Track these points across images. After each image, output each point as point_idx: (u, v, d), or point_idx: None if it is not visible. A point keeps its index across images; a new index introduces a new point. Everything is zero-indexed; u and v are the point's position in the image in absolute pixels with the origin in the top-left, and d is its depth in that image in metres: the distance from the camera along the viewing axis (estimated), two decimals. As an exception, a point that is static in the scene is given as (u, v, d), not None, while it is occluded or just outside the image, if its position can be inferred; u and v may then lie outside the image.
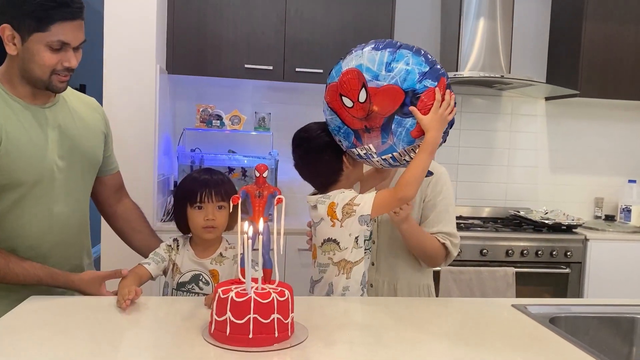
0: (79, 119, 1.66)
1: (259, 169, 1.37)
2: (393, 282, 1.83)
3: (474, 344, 1.30)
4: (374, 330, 1.38)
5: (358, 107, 1.42)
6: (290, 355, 1.19)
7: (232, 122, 3.18)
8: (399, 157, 1.51)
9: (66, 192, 1.59)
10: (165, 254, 1.64)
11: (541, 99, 3.69)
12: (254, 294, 1.21)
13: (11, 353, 1.13)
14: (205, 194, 1.60)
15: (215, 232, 1.62)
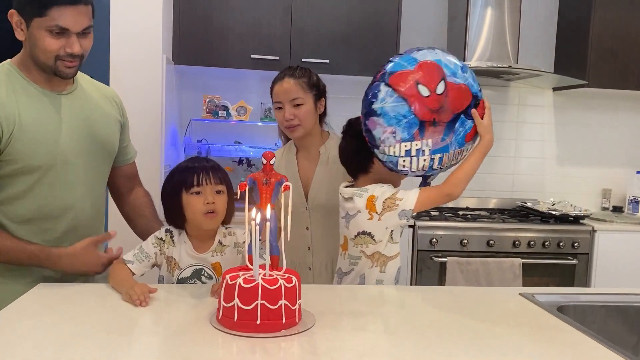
0: (96, 107, 1.67)
1: (265, 156, 1.37)
2: (328, 262, 1.94)
3: (481, 331, 1.29)
4: (380, 317, 1.38)
5: (434, 97, 1.48)
6: (298, 341, 1.19)
7: (238, 113, 3.18)
8: (446, 160, 1.58)
9: (81, 179, 1.60)
10: (154, 248, 1.57)
11: (548, 90, 3.67)
12: (261, 280, 1.22)
13: (21, 338, 1.14)
14: (203, 176, 1.53)
15: (217, 219, 1.55)
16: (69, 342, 1.13)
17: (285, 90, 1.89)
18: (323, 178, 1.95)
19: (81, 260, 1.55)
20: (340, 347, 1.16)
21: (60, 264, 1.54)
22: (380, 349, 1.18)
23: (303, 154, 2.00)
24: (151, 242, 1.58)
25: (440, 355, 1.14)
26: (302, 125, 1.90)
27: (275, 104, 1.93)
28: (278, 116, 1.93)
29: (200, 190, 1.53)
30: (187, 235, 1.59)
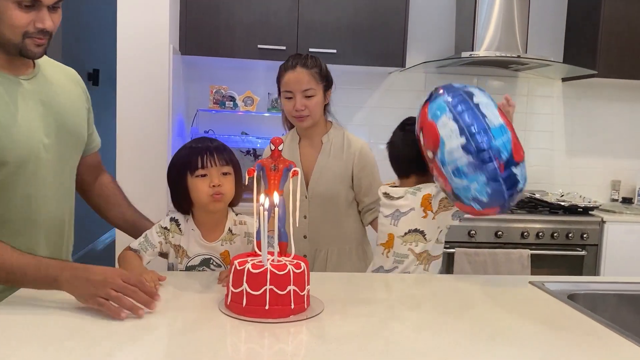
0: (62, 92, 1.48)
1: (274, 142, 1.36)
2: (324, 250, 1.96)
3: (491, 319, 1.28)
4: (389, 304, 1.37)
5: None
6: (306, 326, 1.18)
7: (245, 104, 3.16)
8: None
9: (53, 174, 1.44)
10: (158, 238, 1.54)
11: (558, 80, 3.63)
12: (270, 265, 1.21)
13: (29, 319, 1.14)
14: (207, 157, 1.48)
15: (223, 201, 1.51)
16: (77, 328, 1.12)
17: (298, 80, 1.87)
18: (324, 167, 1.95)
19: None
20: (349, 333, 1.15)
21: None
22: (390, 335, 1.16)
23: (306, 142, 2.00)
24: (156, 231, 1.55)
25: (450, 343, 1.13)
26: (312, 116, 1.91)
27: (285, 92, 1.91)
28: (287, 105, 1.91)
29: (206, 173, 1.49)
30: (195, 222, 1.56)
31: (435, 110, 1.48)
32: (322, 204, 1.94)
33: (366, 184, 1.97)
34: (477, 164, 1.40)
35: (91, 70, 4.80)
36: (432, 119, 1.48)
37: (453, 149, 1.42)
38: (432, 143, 1.48)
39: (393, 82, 3.50)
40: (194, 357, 1.00)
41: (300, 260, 1.28)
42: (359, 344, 1.10)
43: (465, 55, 3.11)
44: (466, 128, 1.41)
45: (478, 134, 1.39)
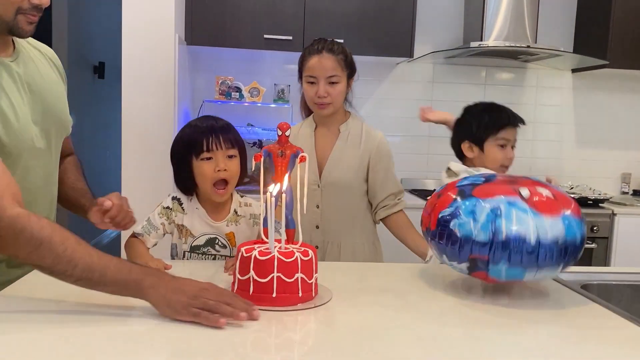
0: (45, 75, 1.36)
1: (281, 127, 1.32)
2: (337, 242, 1.90)
3: (503, 309, 1.25)
4: (398, 293, 1.34)
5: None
6: (314, 314, 1.16)
7: (251, 94, 3.14)
8: None
9: (43, 164, 1.34)
10: (160, 219, 1.52)
11: (567, 71, 3.59)
12: (277, 252, 1.19)
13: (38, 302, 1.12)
14: (213, 140, 1.45)
15: (228, 189, 1.49)
16: (80, 317, 1.09)
17: (324, 66, 1.81)
18: (340, 157, 1.90)
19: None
20: (358, 322, 1.12)
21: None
22: (400, 324, 1.13)
23: (322, 130, 1.94)
24: (157, 213, 1.53)
25: (461, 332, 1.10)
26: (333, 104, 1.85)
27: (308, 77, 1.84)
28: (309, 91, 1.84)
29: (211, 156, 1.46)
30: (200, 202, 1.53)
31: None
32: (335, 193, 1.89)
33: (381, 177, 1.92)
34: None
35: (97, 63, 4.78)
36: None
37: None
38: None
39: (401, 73, 3.46)
40: (200, 346, 0.97)
41: (308, 247, 1.25)
42: (369, 332, 1.07)
43: (474, 45, 3.07)
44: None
45: None
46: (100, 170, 3.77)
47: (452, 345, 1.03)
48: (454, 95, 3.51)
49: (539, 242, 1.16)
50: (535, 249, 1.16)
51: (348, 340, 1.03)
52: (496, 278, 1.23)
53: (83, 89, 4.46)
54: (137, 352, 0.95)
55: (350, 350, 0.98)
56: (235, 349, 0.97)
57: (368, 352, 0.97)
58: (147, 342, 0.99)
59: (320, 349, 0.99)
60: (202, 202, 1.53)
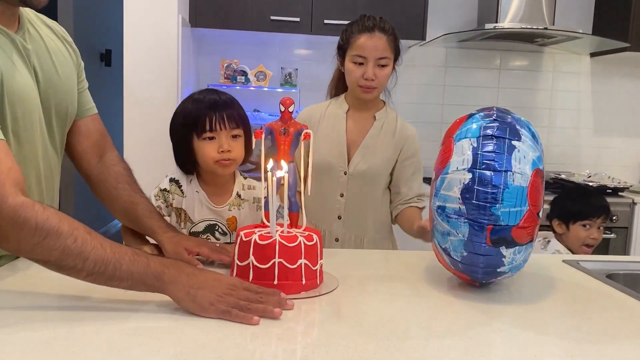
0: (53, 52, 1.23)
1: (284, 102, 1.22)
2: (360, 236, 1.78)
3: (524, 298, 1.16)
4: (410, 282, 1.24)
5: None
6: (319, 303, 1.07)
7: (257, 79, 3.05)
8: None
9: (43, 151, 1.22)
10: (157, 202, 1.42)
11: (586, 55, 3.46)
12: (279, 237, 1.10)
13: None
14: (216, 119, 1.35)
15: (232, 166, 1.40)
16: (81, 300, 1.02)
17: (376, 46, 1.65)
18: (372, 145, 1.76)
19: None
20: (366, 311, 1.03)
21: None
22: (409, 313, 1.04)
23: (355, 114, 1.78)
24: (154, 195, 1.44)
25: (480, 324, 1.01)
26: (378, 89, 1.70)
27: (356, 57, 1.67)
28: (355, 72, 1.68)
29: (214, 136, 1.37)
30: (201, 183, 1.44)
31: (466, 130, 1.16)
32: (362, 183, 1.75)
33: (409, 173, 1.79)
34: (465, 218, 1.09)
35: (103, 50, 4.71)
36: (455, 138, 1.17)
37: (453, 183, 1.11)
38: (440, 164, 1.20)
39: (412, 57, 3.35)
40: (197, 336, 0.89)
41: (312, 232, 1.16)
42: (377, 322, 0.98)
43: (489, 27, 2.96)
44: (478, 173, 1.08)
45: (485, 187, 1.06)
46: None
47: (467, 337, 0.94)
48: (466, 81, 3.41)
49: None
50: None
51: (355, 331, 0.94)
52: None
53: (89, 77, 4.36)
54: (134, 346, 0.86)
55: (356, 342, 0.89)
56: (235, 340, 0.89)
57: (375, 344, 0.89)
58: (144, 335, 0.90)
59: (324, 340, 0.90)
60: (202, 184, 1.44)
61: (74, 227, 0.94)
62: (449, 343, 0.91)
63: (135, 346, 0.85)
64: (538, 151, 1.12)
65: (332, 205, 1.76)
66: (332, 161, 1.73)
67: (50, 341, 0.85)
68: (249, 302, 0.97)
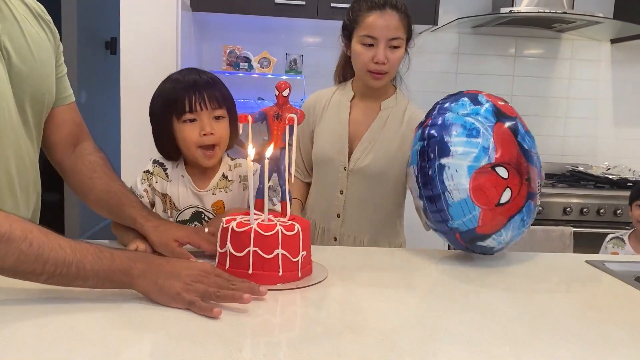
0: (28, 32, 1.12)
1: (279, 87, 1.16)
2: (360, 237, 1.64)
3: (545, 301, 1.05)
4: (403, 277, 1.14)
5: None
6: (301, 296, 0.99)
7: (261, 65, 2.94)
8: None
9: (14, 142, 1.11)
10: (143, 184, 1.33)
11: (606, 42, 3.30)
12: (256, 225, 1.02)
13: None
14: (196, 99, 1.25)
15: (217, 153, 1.30)
16: (71, 301, 0.93)
17: (387, 25, 1.49)
18: (375, 139, 1.61)
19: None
20: (350, 305, 0.95)
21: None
22: (407, 310, 0.93)
23: (360, 103, 1.64)
24: (140, 180, 1.35)
25: (491, 328, 0.91)
26: (390, 74, 1.55)
27: (365, 37, 1.51)
28: (364, 55, 1.52)
29: (195, 117, 1.27)
30: (186, 167, 1.35)
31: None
32: (364, 180, 1.60)
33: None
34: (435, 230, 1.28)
35: (108, 38, 4.64)
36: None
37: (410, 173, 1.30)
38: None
39: (423, 43, 3.21)
40: (162, 326, 0.83)
41: (297, 222, 1.07)
42: (362, 316, 0.90)
43: (504, 11, 2.82)
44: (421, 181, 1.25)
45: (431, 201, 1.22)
46: (113, 148, 3.64)
47: (466, 336, 0.83)
48: (480, 69, 3.27)
49: None
50: None
51: (334, 325, 0.86)
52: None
53: (94, 66, 4.33)
54: (114, 338, 0.80)
55: (333, 335, 0.81)
56: (210, 328, 0.80)
57: (352, 336, 0.80)
58: (124, 327, 0.84)
59: (299, 332, 0.83)
60: (188, 168, 1.35)
61: (27, 230, 0.87)
62: (445, 343, 0.81)
63: (114, 337, 0.79)
64: (476, 145, 1.16)
65: (330, 202, 1.63)
66: (332, 155, 1.60)
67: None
68: (219, 288, 0.91)
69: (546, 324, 0.92)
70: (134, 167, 1.38)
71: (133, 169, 1.36)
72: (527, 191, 1.18)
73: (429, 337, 0.83)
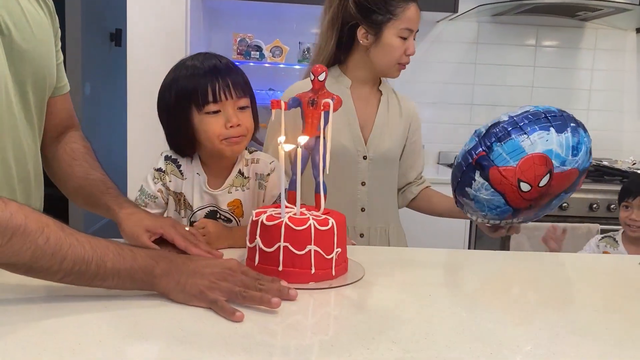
0: (28, 10, 1.03)
1: (315, 70, 1.05)
2: (384, 227, 1.58)
3: (576, 300, 0.96)
4: (446, 282, 1.03)
5: (535, 191, 1.29)
6: (335, 296, 0.90)
7: (272, 54, 2.85)
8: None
9: (11, 127, 1.02)
10: (156, 185, 1.22)
11: (631, 31, 3.19)
12: (287, 219, 0.92)
13: None
14: (220, 87, 1.12)
15: (243, 143, 1.18)
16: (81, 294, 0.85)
17: (418, 19, 1.49)
18: (386, 124, 1.56)
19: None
20: (387, 307, 0.86)
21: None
22: (446, 316, 0.83)
23: (360, 90, 1.57)
24: (152, 179, 1.23)
25: (512, 324, 0.83)
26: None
27: (405, 30, 1.45)
28: (399, 47, 1.47)
29: (219, 109, 1.14)
30: (202, 164, 1.23)
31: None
32: (383, 167, 1.55)
33: (417, 150, 1.63)
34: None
35: (113, 30, 4.55)
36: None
37: None
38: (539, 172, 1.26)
39: (441, 32, 3.11)
40: (192, 328, 0.76)
41: (331, 216, 0.98)
42: (401, 320, 0.81)
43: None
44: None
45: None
46: (119, 141, 3.55)
47: (496, 339, 0.74)
48: (500, 59, 3.16)
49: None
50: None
51: (369, 327, 0.78)
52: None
53: (99, 58, 4.26)
54: (120, 338, 0.74)
55: (370, 341, 0.73)
56: (236, 328, 0.73)
57: (391, 343, 0.73)
58: (133, 326, 0.77)
59: (333, 336, 0.76)
60: (204, 165, 1.23)
61: (43, 223, 0.79)
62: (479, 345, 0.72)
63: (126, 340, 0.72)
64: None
65: (352, 196, 1.53)
66: (347, 145, 1.51)
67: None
68: (245, 287, 0.84)
69: (591, 329, 0.82)
70: (141, 161, 1.29)
71: (140, 163, 1.27)
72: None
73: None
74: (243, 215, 1.23)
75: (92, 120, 4.08)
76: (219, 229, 1.17)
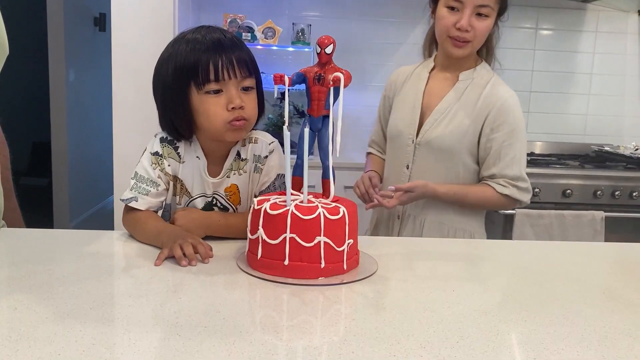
0: None
1: (321, 42, 0.96)
2: (421, 217, 1.52)
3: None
4: (463, 275, 0.94)
5: None
6: (346, 293, 0.81)
7: (265, 36, 2.75)
8: None
9: None
10: (155, 170, 1.11)
11: (634, 13, 3.12)
12: (293, 207, 0.83)
13: None
14: (223, 64, 1.01)
15: (247, 128, 1.08)
16: (86, 284, 0.82)
17: None
18: (448, 110, 1.48)
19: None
20: (404, 304, 0.78)
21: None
22: (464, 312, 0.75)
23: (439, 74, 1.54)
24: (149, 164, 1.11)
25: (534, 322, 0.75)
26: (473, 44, 1.44)
27: (451, 1, 1.40)
28: (447, 18, 1.41)
29: (221, 88, 1.03)
30: (201, 147, 1.13)
31: None
32: (431, 155, 1.49)
33: (495, 149, 1.45)
34: None
35: (97, 14, 4.40)
36: None
37: None
38: None
39: (438, 14, 3.01)
40: (192, 328, 0.69)
41: (342, 204, 0.89)
42: (418, 318, 0.74)
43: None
44: None
45: None
46: (105, 128, 3.44)
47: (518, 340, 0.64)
48: (499, 42, 3.05)
49: None
50: None
51: (383, 326, 0.71)
52: None
53: (82, 43, 4.13)
54: (119, 326, 0.69)
55: (384, 340, 0.67)
56: (238, 328, 0.68)
57: (407, 341, 0.67)
58: (134, 314, 0.73)
59: (344, 336, 0.69)
60: (203, 147, 1.12)
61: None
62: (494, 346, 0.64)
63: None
64: None
65: (397, 177, 1.53)
66: (401, 128, 1.54)
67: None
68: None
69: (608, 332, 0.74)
70: (127, 147, 1.18)
71: (126, 149, 1.18)
72: None
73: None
74: (240, 202, 1.13)
75: (76, 106, 3.97)
76: (187, 220, 1.07)
